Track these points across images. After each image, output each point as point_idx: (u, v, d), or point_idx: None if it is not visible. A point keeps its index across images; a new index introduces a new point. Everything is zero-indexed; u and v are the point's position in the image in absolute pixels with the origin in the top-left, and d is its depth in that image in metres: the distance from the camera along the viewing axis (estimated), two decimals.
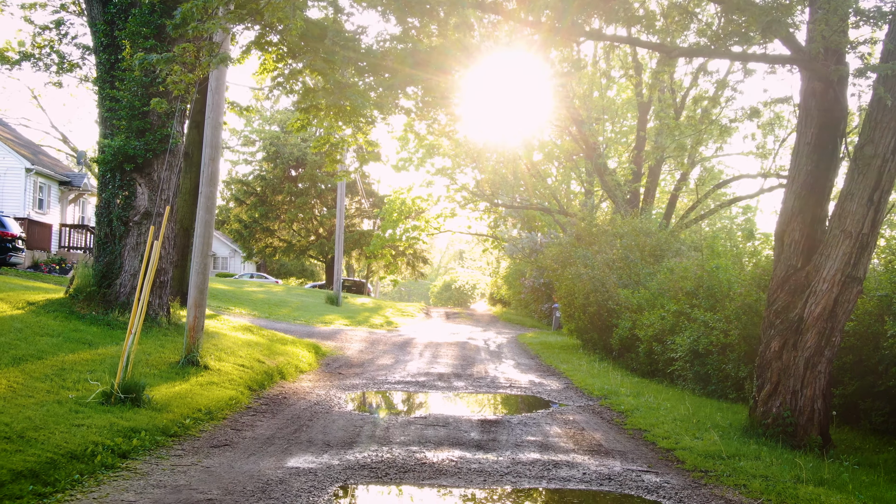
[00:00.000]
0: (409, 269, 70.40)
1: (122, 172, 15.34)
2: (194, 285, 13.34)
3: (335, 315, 32.65)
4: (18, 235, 26.03)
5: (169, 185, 15.67)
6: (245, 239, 65.36)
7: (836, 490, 7.83)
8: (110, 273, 15.44)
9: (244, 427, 10.03)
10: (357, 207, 67.05)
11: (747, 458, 9.12)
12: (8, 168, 32.74)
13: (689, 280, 18.86)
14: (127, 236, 15.46)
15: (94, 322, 14.56)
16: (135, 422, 8.91)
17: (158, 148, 15.38)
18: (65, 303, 15.28)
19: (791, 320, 11.00)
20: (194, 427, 9.64)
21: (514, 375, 17.77)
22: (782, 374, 11.05)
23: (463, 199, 43.83)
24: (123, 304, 15.27)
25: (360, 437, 9.61)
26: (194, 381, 12.10)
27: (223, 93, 13.53)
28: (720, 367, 15.61)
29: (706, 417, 12.01)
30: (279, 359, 16.12)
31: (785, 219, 11.44)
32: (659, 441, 10.19)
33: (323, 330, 26.30)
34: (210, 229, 13.41)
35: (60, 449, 7.30)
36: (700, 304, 17.52)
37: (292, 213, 64.43)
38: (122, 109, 15.29)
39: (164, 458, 8.08)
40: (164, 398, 10.46)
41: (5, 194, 32.49)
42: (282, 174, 65.04)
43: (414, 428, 10.33)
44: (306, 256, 70.15)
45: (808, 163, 11.27)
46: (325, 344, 21.60)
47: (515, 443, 9.66)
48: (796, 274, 11.18)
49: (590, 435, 10.52)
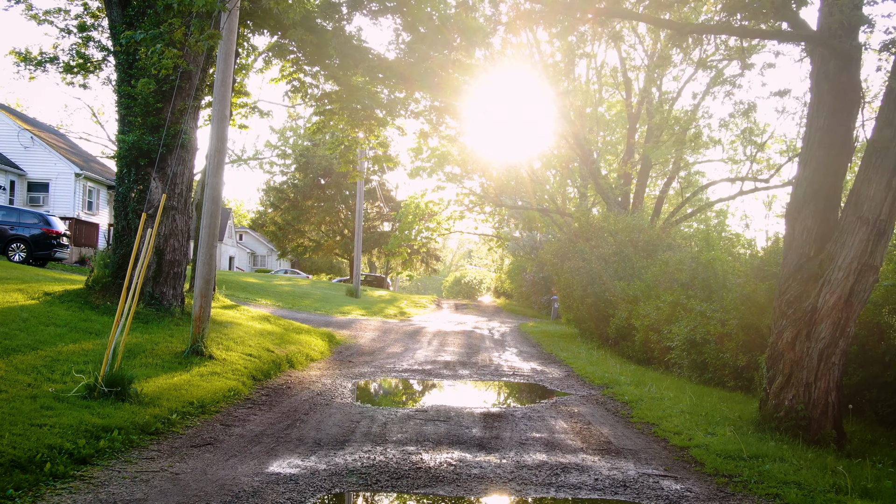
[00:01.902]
0: (423, 266, 68.66)
1: (136, 167, 13.57)
2: (200, 276, 11.55)
3: (353, 306, 30.81)
4: (63, 233, 24.49)
5: (182, 180, 13.88)
6: (279, 239, 64.39)
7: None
8: (126, 264, 13.65)
9: (235, 422, 8.20)
10: (377, 211, 65.25)
11: (770, 458, 7.22)
12: (59, 173, 31.14)
13: (684, 272, 16.95)
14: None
15: (106, 312, 12.79)
16: (112, 419, 7.10)
17: (172, 143, 13.60)
18: (81, 293, 13.52)
19: (804, 310, 9.08)
20: (180, 423, 7.81)
21: (516, 363, 15.90)
22: (795, 365, 9.14)
23: (470, 203, 42.20)
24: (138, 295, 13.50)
25: (354, 435, 7.75)
26: (196, 371, 10.29)
27: (229, 86, 11.73)
28: (718, 356, 13.73)
29: (713, 409, 10.11)
30: (290, 347, 14.30)
31: (796, 206, 9.52)
32: (671, 437, 8.29)
33: (340, 320, 24.45)
34: (215, 220, 11.61)
35: (2, 456, 5.49)
36: (696, 295, 15.62)
37: (320, 216, 62.95)
38: (136, 106, 13.54)
39: (131, 462, 6.26)
40: (157, 391, 8.66)
41: (57, 196, 30.94)
42: (311, 182, 63.55)
43: (413, 423, 8.46)
44: (333, 254, 68.48)
45: (820, 148, 9.35)
46: (340, 332, 19.78)
47: (519, 441, 7.79)
48: (809, 262, 9.26)
49: (597, 430, 8.62)
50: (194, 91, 13.90)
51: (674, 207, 36.32)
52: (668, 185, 36.11)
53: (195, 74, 13.90)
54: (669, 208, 37.52)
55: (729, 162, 36.11)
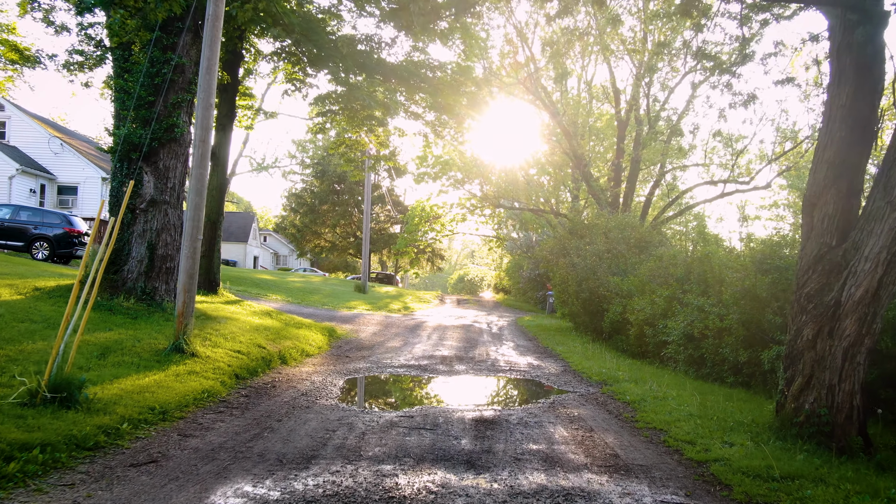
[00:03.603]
0: (428, 265, 66.96)
1: (129, 161, 11.88)
2: (184, 270, 9.84)
3: (360, 301, 29.06)
4: (84, 232, 22.97)
5: (175, 174, 12.16)
6: (298, 241, 63.04)
7: None
8: (118, 259, 11.98)
9: (196, 431, 6.48)
10: (387, 215, 63.54)
11: (808, 480, 5.46)
12: (87, 177, 29.56)
13: (679, 267, 15.19)
14: (134, 224, 11.99)
15: (95, 308, 11.11)
16: (42, 432, 5.40)
17: (164, 137, 11.91)
18: (71, 289, 11.83)
19: (826, 305, 7.32)
20: (130, 434, 6.09)
21: (513, 358, 14.14)
22: (816, 365, 7.37)
23: (472, 206, 40.52)
24: (129, 290, 11.81)
25: (325, 449, 6.01)
26: (173, 370, 8.58)
27: (214, 73, 10.00)
28: (716, 351, 11.98)
29: (721, 411, 8.35)
30: (286, 343, 12.59)
31: (816, 191, 7.74)
32: (685, 449, 6.52)
33: (345, 314, 22.70)
34: (200, 213, 9.89)
35: None
36: (692, 290, 13.85)
37: (335, 219, 61.37)
38: (129, 100, 11.85)
39: (41, 491, 4.54)
40: (118, 394, 6.95)
41: (84, 199, 29.38)
42: (327, 188, 62.06)
43: (395, 433, 6.69)
44: (347, 254, 66.85)
45: (843, 128, 7.58)
46: (342, 327, 18.06)
47: (514, 455, 6.03)
48: (831, 252, 7.48)
49: (601, 439, 6.86)
50: (188, 84, 12.18)
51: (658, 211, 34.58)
52: (654, 188, 34.35)
53: (188, 68, 12.19)
54: (654, 212, 35.77)
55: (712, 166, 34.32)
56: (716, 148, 32.52)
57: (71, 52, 13.28)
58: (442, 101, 17.18)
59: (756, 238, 18.59)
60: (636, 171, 31.85)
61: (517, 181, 36.74)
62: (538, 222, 42.06)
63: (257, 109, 19.01)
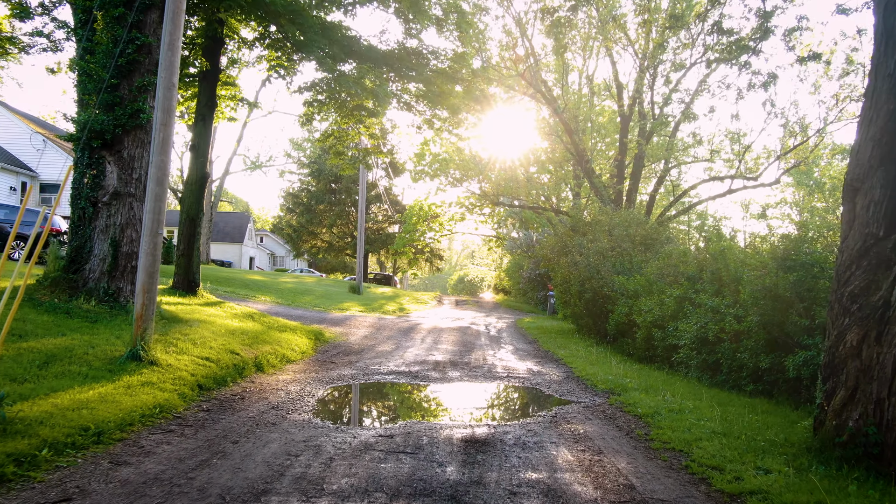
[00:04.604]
0: (427, 265, 65.99)
1: (90, 150, 10.90)
2: (143, 268, 8.82)
3: (353, 303, 28.04)
4: (64, 231, 22.00)
5: (140, 164, 11.15)
6: (294, 241, 62.00)
7: None
8: (79, 257, 10.99)
9: (133, 457, 5.46)
10: (384, 215, 62.54)
11: None
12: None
13: (690, 265, 14.17)
14: (96, 218, 10.99)
15: (50, 310, 10.11)
16: None
17: (129, 123, 10.91)
18: (29, 289, 10.85)
19: (874, 305, 6.30)
20: (49, 462, 5.08)
21: (512, 363, 13.12)
22: (862, 376, 6.35)
23: (471, 204, 39.51)
24: (90, 291, 10.81)
25: (281, 481, 4.98)
26: (125, 381, 7.56)
27: (177, 49, 9.00)
28: (733, 356, 10.96)
29: (747, 426, 7.32)
30: (264, 348, 11.58)
31: (859, 174, 6.71)
32: (712, 477, 5.49)
33: (335, 316, 21.66)
34: (161, 204, 8.88)
35: None
36: (705, 289, 12.83)
37: (332, 219, 60.34)
38: (91, 83, 10.86)
39: None
40: (48, 412, 5.94)
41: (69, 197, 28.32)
42: (324, 188, 61.09)
43: (369, 459, 5.65)
44: (344, 254, 65.85)
45: (891, 99, 6.56)
46: (331, 330, 17.04)
47: (509, 487, 5.00)
48: (878, 245, 6.46)
49: (612, 464, 5.83)
50: (154, 66, 11.17)
51: (661, 209, 33.56)
52: (658, 185, 33.31)
53: (155, 48, 11.18)
54: (658, 210, 34.77)
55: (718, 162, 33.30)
56: (722, 143, 31.50)
57: (32, 33, 12.27)
58: (436, 89, 16.17)
59: (759, 236, 17.63)
60: (640, 166, 30.87)
61: (517, 178, 35.77)
62: (539, 221, 41.09)
63: (241, 100, 17.97)
